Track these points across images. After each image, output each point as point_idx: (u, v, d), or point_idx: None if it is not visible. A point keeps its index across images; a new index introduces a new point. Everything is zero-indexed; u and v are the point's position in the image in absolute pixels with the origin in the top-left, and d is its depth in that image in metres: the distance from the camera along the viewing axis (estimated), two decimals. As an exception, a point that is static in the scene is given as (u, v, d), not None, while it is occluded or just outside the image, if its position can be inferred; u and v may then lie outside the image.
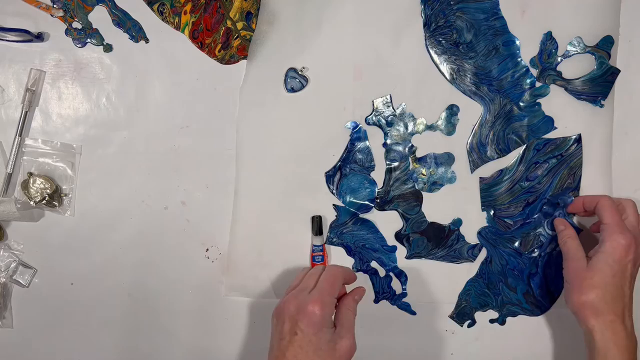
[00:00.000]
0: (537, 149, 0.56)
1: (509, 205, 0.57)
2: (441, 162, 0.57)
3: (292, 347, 0.47)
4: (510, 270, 0.57)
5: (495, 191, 0.57)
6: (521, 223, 0.57)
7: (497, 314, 0.59)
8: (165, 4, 0.56)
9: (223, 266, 0.59)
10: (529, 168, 0.56)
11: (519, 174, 0.57)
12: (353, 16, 0.56)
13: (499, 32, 0.56)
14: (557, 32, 0.55)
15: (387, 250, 0.58)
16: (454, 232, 0.58)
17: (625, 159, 0.57)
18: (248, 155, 0.58)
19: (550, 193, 0.56)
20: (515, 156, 0.57)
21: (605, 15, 0.55)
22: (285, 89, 0.57)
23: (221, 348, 0.60)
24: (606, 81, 0.56)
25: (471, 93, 0.57)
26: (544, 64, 0.56)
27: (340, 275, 0.52)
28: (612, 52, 0.55)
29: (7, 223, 0.59)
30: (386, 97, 0.57)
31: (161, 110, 0.58)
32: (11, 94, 0.58)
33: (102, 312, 0.60)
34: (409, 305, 0.59)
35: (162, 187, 0.59)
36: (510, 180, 0.57)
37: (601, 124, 0.56)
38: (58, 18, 0.57)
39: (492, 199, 0.57)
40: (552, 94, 0.56)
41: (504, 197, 0.57)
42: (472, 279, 0.58)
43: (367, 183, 0.58)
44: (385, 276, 0.59)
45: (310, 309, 0.47)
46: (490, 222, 0.57)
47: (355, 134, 0.57)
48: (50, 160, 0.58)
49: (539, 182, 0.56)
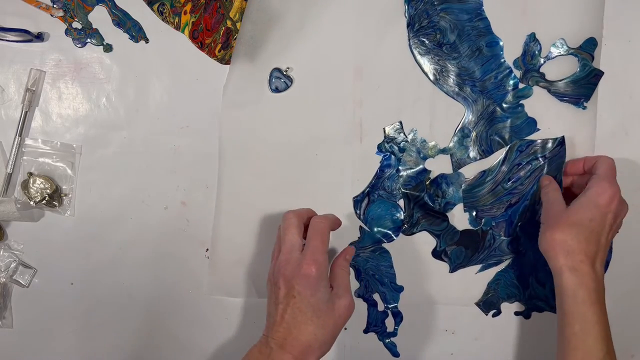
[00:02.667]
0: (520, 150, 0.56)
1: (491, 206, 0.57)
2: (451, 182, 0.57)
3: (290, 310, 0.47)
4: (542, 265, 0.57)
5: (478, 192, 0.57)
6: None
7: (524, 307, 0.59)
8: (165, 4, 0.56)
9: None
10: (511, 169, 0.56)
11: (501, 175, 0.57)
12: (338, 16, 0.56)
13: (483, 33, 0.55)
14: (541, 33, 0.55)
15: (394, 288, 0.59)
16: (487, 233, 0.57)
17: (625, 159, 0.57)
18: (230, 155, 0.58)
19: (532, 195, 0.56)
20: (497, 157, 0.57)
21: (589, 17, 0.55)
22: (269, 89, 0.57)
23: (221, 348, 0.60)
24: (589, 83, 0.56)
25: (454, 94, 0.56)
26: (527, 65, 0.56)
27: (328, 229, 0.51)
28: (595, 54, 0.55)
29: (7, 223, 0.59)
30: (396, 124, 0.57)
31: (161, 110, 0.58)
32: (11, 94, 0.58)
33: (102, 312, 0.60)
34: (395, 346, 0.59)
35: (162, 187, 0.59)
36: (492, 181, 0.57)
37: (584, 126, 0.56)
38: (58, 18, 0.57)
39: (475, 199, 0.57)
40: (535, 95, 0.56)
41: (486, 198, 0.57)
42: (503, 270, 0.58)
43: (394, 210, 0.58)
44: (382, 311, 0.59)
45: (305, 270, 0.47)
46: (473, 223, 0.57)
47: (385, 161, 0.57)
48: (50, 160, 0.58)
49: (522, 184, 0.56)
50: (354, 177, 0.58)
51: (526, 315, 0.59)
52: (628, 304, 0.58)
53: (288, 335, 0.47)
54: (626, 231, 0.57)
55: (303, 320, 0.46)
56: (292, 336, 0.46)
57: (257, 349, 0.48)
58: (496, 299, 0.59)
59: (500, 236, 0.57)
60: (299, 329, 0.46)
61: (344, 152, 0.58)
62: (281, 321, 0.47)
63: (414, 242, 0.58)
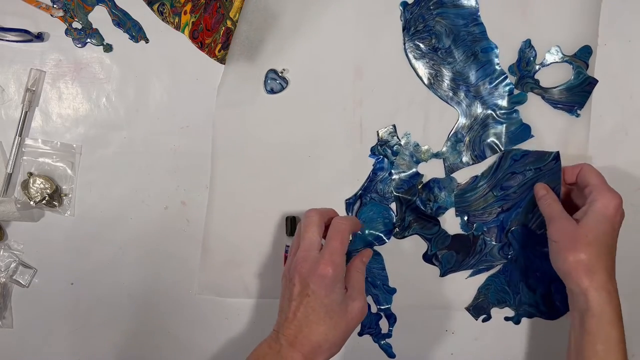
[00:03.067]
0: (514, 158, 0.56)
1: (483, 211, 0.57)
2: (444, 186, 0.57)
3: (303, 308, 0.47)
4: (533, 271, 0.57)
5: (470, 197, 0.57)
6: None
7: (514, 312, 0.59)
8: (165, 4, 0.56)
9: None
10: (505, 177, 0.56)
11: (494, 181, 0.56)
12: (334, 17, 0.56)
13: (478, 39, 0.55)
14: (537, 40, 0.55)
15: (386, 290, 0.59)
16: (479, 238, 0.57)
17: (625, 159, 0.57)
18: (223, 154, 0.58)
19: (527, 202, 0.56)
20: (490, 162, 0.57)
21: (584, 24, 0.55)
22: (264, 90, 0.57)
23: (221, 348, 0.60)
24: (583, 91, 0.56)
25: (448, 98, 0.56)
26: (522, 71, 0.56)
27: (348, 230, 0.50)
28: (590, 62, 0.55)
29: (7, 223, 0.59)
30: (390, 127, 0.57)
31: (161, 110, 0.58)
32: (11, 94, 0.58)
33: (102, 312, 0.60)
34: (391, 347, 0.59)
35: (162, 187, 0.59)
36: (484, 187, 0.57)
37: (577, 134, 0.56)
38: (58, 18, 0.57)
39: (467, 204, 0.57)
40: (530, 102, 0.56)
41: (478, 203, 0.57)
42: (494, 275, 0.58)
43: (386, 213, 0.58)
44: (375, 313, 0.59)
45: (322, 270, 0.46)
46: (464, 227, 0.57)
47: (378, 164, 0.57)
48: (50, 160, 0.58)
49: (515, 192, 0.56)
50: (352, 178, 0.58)
51: (516, 321, 0.59)
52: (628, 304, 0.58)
53: (299, 333, 0.46)
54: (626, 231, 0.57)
55: (315, 320, 0.46)
56: (302, 334, 0.46)
57: (267, 344, 0.48)
58: (486, 304, 0.58)
59: (491, 241, 0.57)
60: (310, 328, 0.46)
61: (342, 153, 0.58)
62: (293, 318, 0.47)
63: (405, 245, 0.58)
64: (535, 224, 0.56)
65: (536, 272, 0.57)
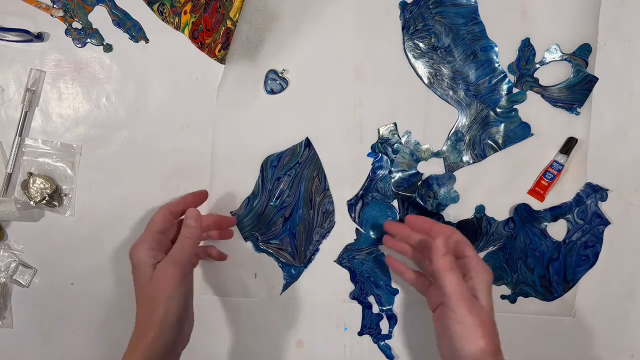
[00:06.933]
0: (273, 165, 0.57)
1: (268, 227, 0.58)
2: (443, 182, 0.57)
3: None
4: (532, 250, 0.57)
5: (253, 218, 0.58)
6: (553, 206, 0.57)
7: (510, 291, 0.58)
8: (165, 4, 0.56)
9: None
10: (273, 186, 0.57)
11: (266, 194, 0.57)
12: (334, 17, 0.56)
13: (478, 37, 0.56)
14: (536, 38, 0.55)
15: (389, 291, 0.59)
16: (482, 219, 0.57)
17: (625, 159, 0.57)
18: (223, 154, 0.58)
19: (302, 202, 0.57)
20: (256, 180, 0.57)
21: (584, 23, 0.55)
22: (264, 91, 0.57)
23: (221, 348, 0.60)
24: (582, 89, 0.56)
25: (448, 97, 0.57)
26: (521, 70, 0.56)
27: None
28: (589, 60, 0.55)
29: (7, 223, 0.59)
30: (391, 125, 0.57)
31: (161, 110, 0.58)
32: (11, 94, 0.58)
33: (102, 312, 0.60)
34: (390, 349, 0.59)
35: (162, 187, 0.59)
36: (259, 203, 0.58)
37: (577, 131, 0.56)
38: (58, 18, 0.57)
39: (251, 226, 0.58)
40: (529, 100, 0.56)
41: (262, 221, 0.58)
42: (493, 252, 0.58)
43: (389, 211, 0.58)
44: (377, 314, 0.59)
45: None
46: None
47: (377, 163, 0.57)
48: (50, 160, 0.58)
49: (288, 195, 0.57)
50: (353, 177, 0.58)
51: (512, 299, 0.59)
52: (628, 304, 0.58)
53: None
54: (626, 231, 0.57)
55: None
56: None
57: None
58: None
59: (494, 220, 0.57)
60: None
61: (342, 152, 0.58)
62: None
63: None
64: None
65: (535, 251, 0.57)
